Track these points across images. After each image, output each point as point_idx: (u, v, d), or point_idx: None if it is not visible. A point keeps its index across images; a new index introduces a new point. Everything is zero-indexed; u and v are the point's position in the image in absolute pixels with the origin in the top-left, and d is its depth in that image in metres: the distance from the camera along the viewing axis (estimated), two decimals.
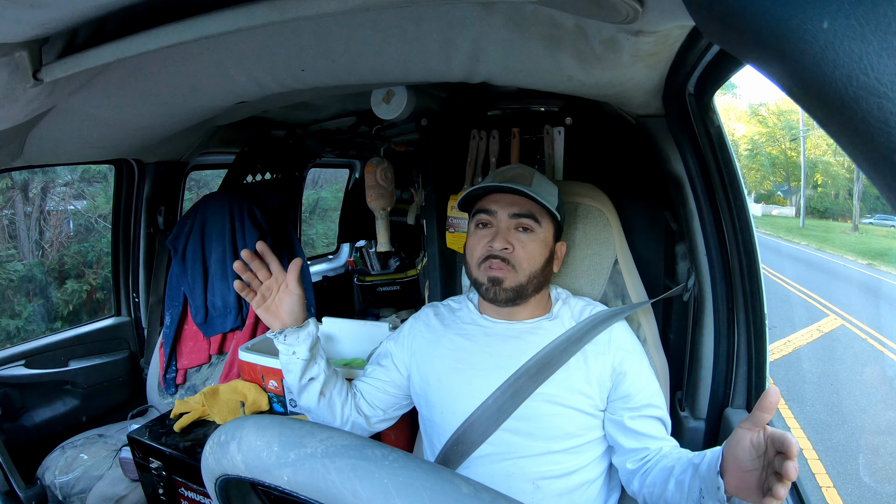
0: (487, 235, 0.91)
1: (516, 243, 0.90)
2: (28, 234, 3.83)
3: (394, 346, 1.02)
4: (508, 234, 0.90)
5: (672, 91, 0.85)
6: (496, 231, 0.91)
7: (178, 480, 1.15)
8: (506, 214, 0.91)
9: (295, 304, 0.91)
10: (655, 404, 0.88)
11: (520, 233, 0.91)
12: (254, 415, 0.95)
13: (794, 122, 17.59)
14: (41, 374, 1.59)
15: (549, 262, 0.93)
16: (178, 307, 1.65)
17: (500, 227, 0.91)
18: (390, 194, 1.71)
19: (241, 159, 1.90)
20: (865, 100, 0.22)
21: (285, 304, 0.91)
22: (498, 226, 0.91)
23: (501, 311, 0.95)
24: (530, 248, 0.90)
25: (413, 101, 1.27)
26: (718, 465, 0.66)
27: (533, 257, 0.90)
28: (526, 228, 0.91)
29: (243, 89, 0.99)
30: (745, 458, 0.63)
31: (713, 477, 0.66)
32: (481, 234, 0.93)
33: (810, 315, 5.53)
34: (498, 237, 0.89)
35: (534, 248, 0.90)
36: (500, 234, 0.90)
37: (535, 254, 0.90)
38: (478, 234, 0.93)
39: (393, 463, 0.39)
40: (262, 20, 0.56)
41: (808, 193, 17.54)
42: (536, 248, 0.91)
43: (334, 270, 2.92)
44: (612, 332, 0.91)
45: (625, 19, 0.54)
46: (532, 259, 0.90)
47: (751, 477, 0.62)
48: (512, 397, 0.86)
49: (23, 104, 0.80)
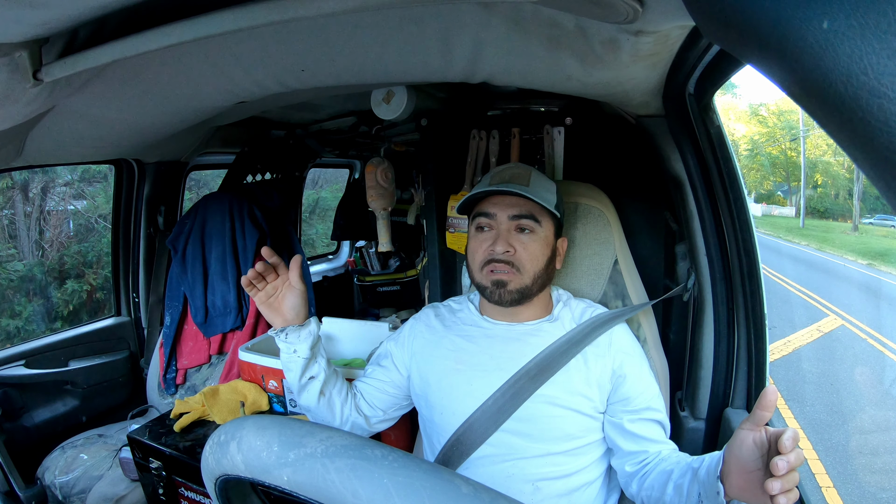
0: (488, 239, 0.91)
1: (518, 245, 0.90)
2: (28, 234, 3.83)
3: (394, 347, 1.02)
4: (509, 236, 0.90)
5: (672, 91, 0.85)
6: (497, 234, 0.90)
7: (178, 480, 1.15)
8: (505, 216, 0.91)
9: (297, 301, 0.91)
10: (655, 407, 0.87)
11: (520, 234, 0.91)
12: (254, 415, 0.95)
13: (794, 122, 17.59)
14: (41, 374, 1.58)
15: (551, 261, 0.93)
16: (178, 307, 1.65)
17: (500, 229, 0.91)
18: (391, 194, 1.71)
19: (241, 159, 1.90)
20: (865, 100, 0.22)
21: (288, 300, 0.91)
22: (498, 228, 0.91)
23: (503, 313, 0.95)
24: (532, 249, 0.90)
25: (413, 101, 1.27)
26: (718, 470, 0.66)
27: (535, 257, 0.90)
28: (526, 229, 0.91)
29: (243, 89, 0.99)
30: (748, 459, 0.62)
31: (713, 482, 0.66)
32: (482, 238, 0.92)
33: (810, 315, 5.53)
34: (499, 240, 0.89)
35: (535, 248, 0.90)
36: (501, 236, 0.90)
37: (538, 254, 0.90)
38: (478, 238, 0.93)
39: (393, 463, 0.39)
40: (262, 20, 0.56)
41: (808, 193, 17.53)
42: (538, 248, 0.91)
43: (334, 270, 2.92)
44: (612, 335, 0.91)
45: (625, 19, 0.54)
46: (535, 259, 0.90)
47: (755, 477, 0.62)
48: (512, 398, 0.86)
49: (23, 104, 0.80)
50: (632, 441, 0.85)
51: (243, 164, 1.90)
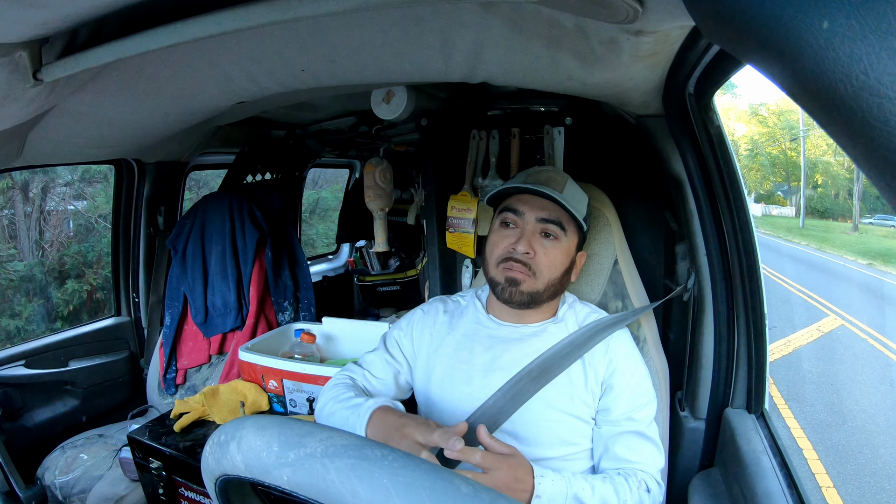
0: (511, 236, 0.90)
1: (539, 249, 0.89)
2: (28, 234, 3.84)
3: (402, 337, 1.01)
4: (533, 239, 0.89)
5: (672, 91, 0.85)
6: (521, 233, 0.89)
7: (178, 480, 1.15)
8: (533, 217, 0.90)
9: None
10: (636, 418, 0.86)
11: (544, 238, 0.90)
12: (253, 415, 0.95)
13: (794, 122, 17.59)
14: (41, 374, 1.58)
15: (567, 272, 0.92)
16: (178, 307, 1.65)
17: (525, 229, 0.90)
18: (389, 195, 1.71)
19: (241, 159, 1.90)
20: (865, 100, 0.22)
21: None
22: (524, 228, 0.90)
23: (510, 314, 0.94)
24: (552, 256, 0.89)
25: (413, 101, 1.27)
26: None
27: (554, 265, 0.89)
28: (551, 235, 0.90)
29: (243, 89, 0.99)
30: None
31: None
32: (505, 234, 0.91)
33: (810, 315, 5.54)
34: (522, 240, 0.88)
35: (556, 255, 0.89)
36: (525, 237, 0.89)
37: (557, 262, 0.89)
38: (501, 233, 0.92)
39: (392, 463, 0.39)
40: (262, 20, 0.56)
41: (808, 193, 17.55)
42: (558, 256, 0.90)
43: (334, 270, 2.92)
44: (609, 342, 0.90)
45: (625, 19, 0.54)
46: (553, 266, 0.89)
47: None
48: (512, 400, 0.85)
49: (23, 104, 0.80)
50: (611, 460, 0.85)
51: (243, 164, 1.90)
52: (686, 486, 0.95)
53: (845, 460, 2.97)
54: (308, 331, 1.38)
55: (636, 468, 0.83)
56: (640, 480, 0.81)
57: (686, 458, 1.01)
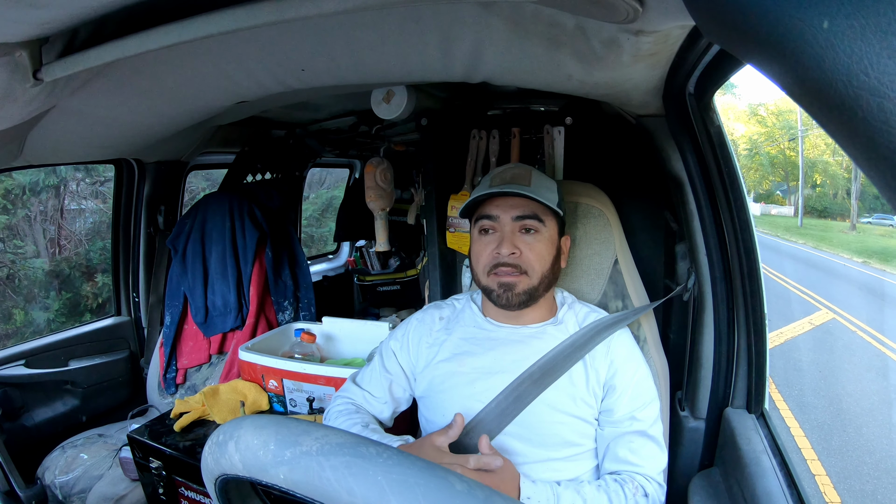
0: (493, 241, 0.90)
1: (523, 246, 0.89)
2: (58, 232, 4.09)
3: (397, 348, 1.01)
4: (514, 238, 0.89)
5: (672, 91, 0.85)
6: (501, 236, 0.90)
7: (178, 480, 1.15)
8: (509, 218, 0.90)
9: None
10: (640, 418, 0.86)
11: (525, 235, 0.90)
12: (252, 414, 0.95)
13: (793, 122, 17.61)
14: (41, 374, 1.58)
15: (556, 260, 0.93)
16: (179, 307, 1.65)
17: (504, 231, 0.90)
18: (389, 195, 1.71)
19: (241, 159, 1.90)
20: (865, 100, 0.22)
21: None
22: (502, 230, 0.90)
23: (507, 315, 0.94)
24: (538, 249, 0.89)
25: (413, 101, 1.27)
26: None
27: (542, 257, 0.89)
28: (531, 229, 0.90)
29: (243, 89, 0.99)
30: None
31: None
32: (486, 241, 0.91)
33: (803, 309, 5.72)
34: (504, 242, 0.88)
35: (541, 248, 0.90)
36: (506, 238, 0.89)
37: (544, 254, 0.90)
38: (482, 241, 0.92)
39: (387, 460, 0.39)
40: (262, 20, 0.56)
41: (807, 193, 17.57)
42: (544, 248, 0.90)
43: (334, 270, 2.92)
44: (610, 342, 0.90)
45: (625, 19, 0.54)
46: (541, 259, 0.89)
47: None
48: (515, 402, 0.85)
49: (23, 104, 0.80)
50: (612, 461, 0.85)
51: (243, 163, 1.90)
52: (686, 485, 0.95)
53: (829, 436, 3.18)
54: (308, 330, 1.38)
55: (634, 472, 0.83)
56: (637, 486, 0.81)
57: (686, 458, 1.01)
